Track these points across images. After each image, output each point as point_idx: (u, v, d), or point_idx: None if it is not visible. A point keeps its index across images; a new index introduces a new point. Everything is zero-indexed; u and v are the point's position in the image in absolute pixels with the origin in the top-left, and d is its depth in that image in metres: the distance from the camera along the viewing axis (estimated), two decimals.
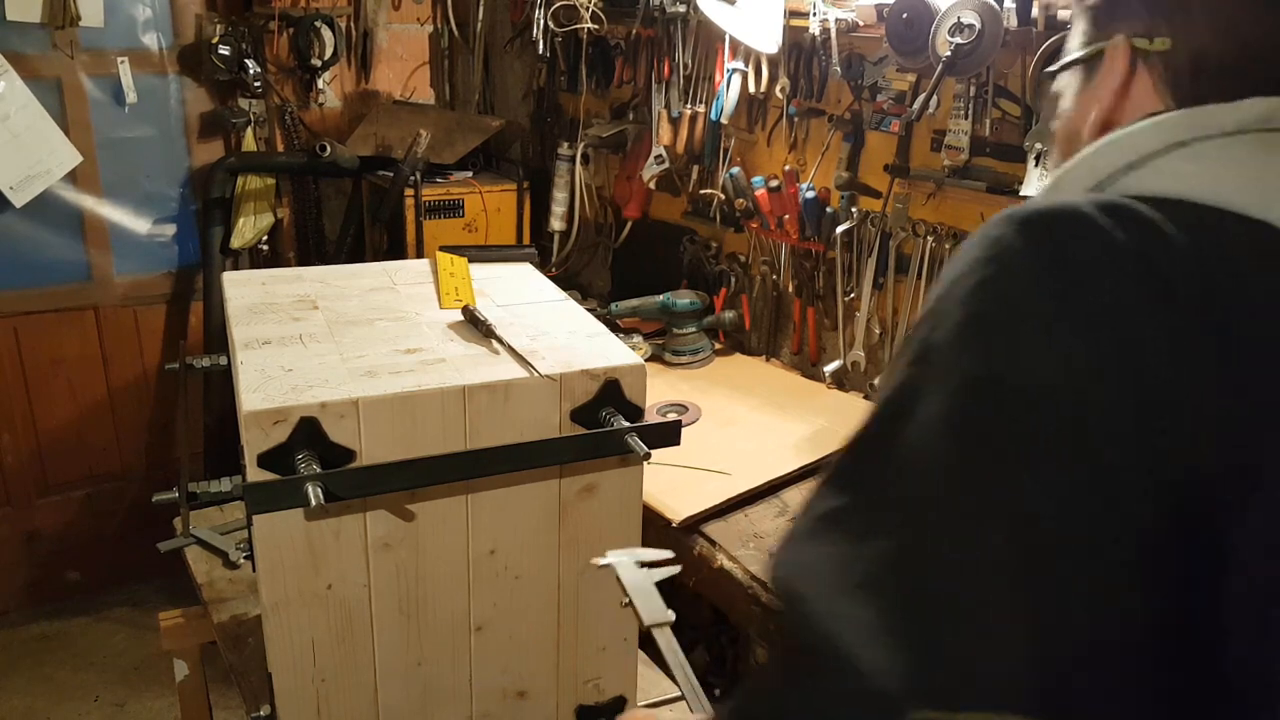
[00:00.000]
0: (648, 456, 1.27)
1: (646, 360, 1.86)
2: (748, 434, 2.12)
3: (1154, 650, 0.49)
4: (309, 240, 3.17)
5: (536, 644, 1.39)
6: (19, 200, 2.67)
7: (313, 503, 1.08)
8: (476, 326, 1.37)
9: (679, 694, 1.57)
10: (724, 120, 2.44)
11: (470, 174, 2.99)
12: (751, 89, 2.36)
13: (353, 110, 3.17)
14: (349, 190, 3.14)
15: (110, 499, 3.07)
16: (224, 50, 2.81)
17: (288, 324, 1.37)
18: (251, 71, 2.85)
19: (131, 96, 2.79)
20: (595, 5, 2.68)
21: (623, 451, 1.28)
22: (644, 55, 2.65)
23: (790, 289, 2.45)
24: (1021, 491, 0.50)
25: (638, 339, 2.56)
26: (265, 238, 3.06)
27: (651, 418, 1.89)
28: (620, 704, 1.48)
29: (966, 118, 1.93)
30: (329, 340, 1.31)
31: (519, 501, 1.30)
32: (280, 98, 3.02)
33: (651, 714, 1.36)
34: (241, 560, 1.77)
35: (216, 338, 2.92)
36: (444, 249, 1.69)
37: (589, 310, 1.51)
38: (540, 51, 2.85)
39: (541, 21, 2.79)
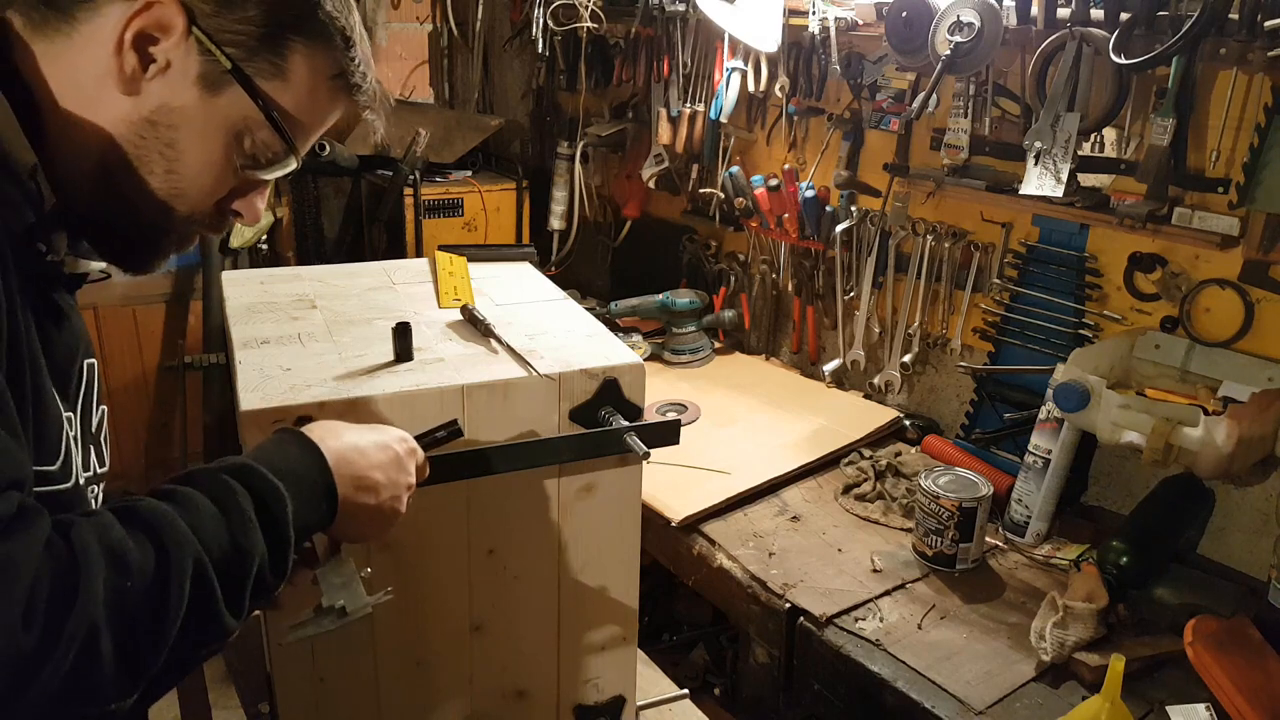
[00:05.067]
0: (647, 456, 1.27)
1: (645, 359, 1.86)
2: (747, 433, 2.12)
3: None
4: (308, 239, 3.17)
5: (536, 644, 1.39)
6: None
7: None
8: (475, 326, 1.37)
9: (679, 693, 1.57)
10: (723, 119, 2.44)
11: (469, 173, 2.99)
12: (751, 88, 2.36)
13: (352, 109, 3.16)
14: (348, 189, 3.14)
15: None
16: None
17: (286, 323, 1.37)
18: None
19: None
20: (595, 4, 2.68)
21: (622, 451, 1.28)
22: (643, 54, 2.65)
23: (790, 288, 2.45)
24: None
25: (637, 338, 2.56)
26: (264, 237, 3.06)
27: (651, 417, 1.89)
28: (619, 704, 1.48)
29: (966, 116, 1.93)
30: (327, 339, 1.31)
31: (518, 501, 1.30)
32: None
33: None
34: None
35: (215, 337, 2.92)
36: (443, 248, 1.69)
37: (588, 309, 1.51)
38: (539, 50, 2.85)
39: (541, 20, 2.79)
